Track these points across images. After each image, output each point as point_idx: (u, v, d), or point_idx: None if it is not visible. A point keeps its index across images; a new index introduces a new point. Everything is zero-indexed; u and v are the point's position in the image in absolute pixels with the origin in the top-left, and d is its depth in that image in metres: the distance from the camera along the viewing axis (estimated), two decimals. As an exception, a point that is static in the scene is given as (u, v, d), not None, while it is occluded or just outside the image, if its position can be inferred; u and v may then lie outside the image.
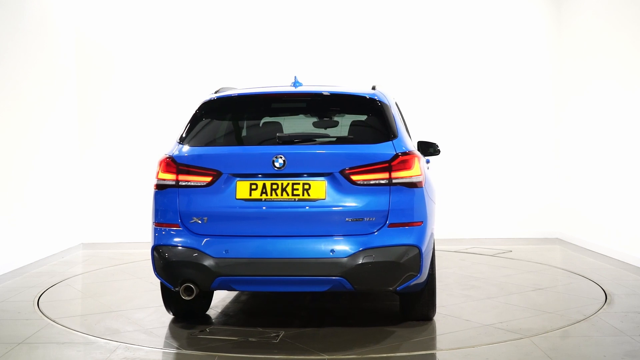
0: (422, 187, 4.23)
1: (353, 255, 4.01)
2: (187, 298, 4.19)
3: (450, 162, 8.98)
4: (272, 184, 4.12)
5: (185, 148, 4.34)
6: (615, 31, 7.72)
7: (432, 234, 4.47)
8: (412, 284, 4.19)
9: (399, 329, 4.55)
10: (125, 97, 9.34)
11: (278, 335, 4.40)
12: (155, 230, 4.32)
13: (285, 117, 4.83)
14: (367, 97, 4.50)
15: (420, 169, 4.26)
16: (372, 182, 4.09)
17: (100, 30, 9.32)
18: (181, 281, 4.17)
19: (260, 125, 4.73)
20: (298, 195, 4.10)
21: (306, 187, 4.11)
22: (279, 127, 4.78)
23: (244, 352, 4.09)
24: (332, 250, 4.02)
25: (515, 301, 5.35)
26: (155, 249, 4.29)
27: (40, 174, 8.02)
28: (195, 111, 4.57)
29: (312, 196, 4.10)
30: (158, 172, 4.33)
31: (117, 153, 9.29)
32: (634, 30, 7.22)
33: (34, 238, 7.71)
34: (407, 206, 4.13)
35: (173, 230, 4.23)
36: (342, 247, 4.02)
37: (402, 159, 4.16)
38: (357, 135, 4.51)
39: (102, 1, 9.34)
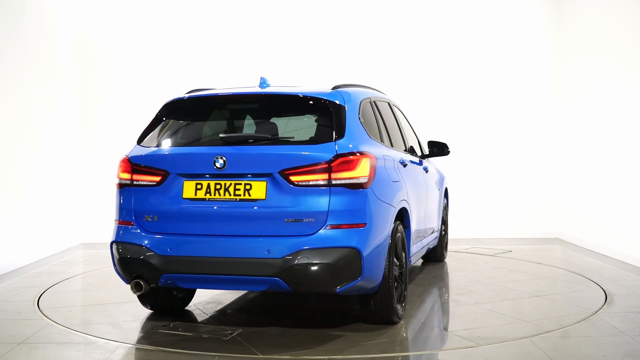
0: (366, 188, 4.17)
1: (288, 256, 4.01)
2: (137, 293, 4.36)
3: (450, 162, 8.98)
4: (215, 184, 4.20)
5: (141, 149, 4.51)
6: (615, 31, 7.72)
7: (387, 236, 4.38)
8: (354, 287, 4.15)
9: (352, 332, 4.47)
10: (125, 97, 9.34)
11: (232, 333, 4.44)
12: (116, 228, 4.52)
13: (239, 118, 4.82)
14: (317, 97, 4.45)
15: (368, 169, 4.19)
16: (311, 182, 4.07)
17: (100, 30, 9.32)
18: (131, 277, 4.35)
19: (212, 126, 4.73)
20: (240, 195, 4.15)
21: (247, 187, 4.15)
22: (227, 127, 4.74)
23: (187, 347, 4.17)
24: (269, 251, 4.04)
25: (501, 308, 5.18)
26: (112, 244, 4.50)
27: (40, 174, 8.02)
28: (157, 113, 4.71)
29: (253, 196, 4.13)
30: (118, 172, 4.53)
31: (117, 153, 9.25)
32: (634, 30, 7.22)
33: (34, 238, 7.71)
34: (348, 207, 4.08)
35: (128, 228, 4.40)
36: (278, 247, 4.03)
37: (343, 160, 4.10)
38: (301, 135, 4.48)
39: (102, 1, 9.35)
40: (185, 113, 4.73)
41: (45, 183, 8.10)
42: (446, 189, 7.45)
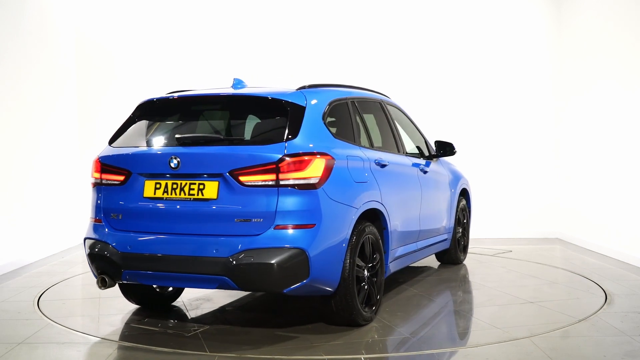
0: (317, 189, 4.15)
1: (233, 256, 4.05)
2: (102, 288, 4.51)
3: (450, 162, 8.97)
4: (172, 184, 4.31)
5: (111, 149, 4.67)
6: (615, 31, 7.72)
7: (344, 238, 4.33)
8: (305, 287, 4.15)
9: (312, 333, 4.46)
10: (125, 97, 9.34)
11: (196, 330, 4.56)
12: (89, 225, 4.68)
13: (201, 119, 4.86)
14: (276, 98, 4.46)
15: (321, 170, 4.18)
16: (259, 183, 4.10)
17: (100, 30, 9.32)
18: (97, 272, 4.51)
19: (173, 127, 4.80)
20: (194, 195, 4.24)
21: (201, 187, 4.23)
22: (186, 128, 4.77)
23: (143, 341, 4.34)
24: (216, 249, 4.10)
25: (482, 314, 5.07)
26: (84, 240, 4.67)
27: (40, 174, 8.01)
28: (130, 114, 4.85)
29: (206, 196, 4.21)
30: (92, 172, 4.69)
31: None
32: (634, 30, 7.22)
33: (34, 238, 7.71)
34: (296, 208, 4.09)
35: (98, 225, 4.58)
36: (225, 246, 4.09)
37: (292, 161, 4.10)
38: (254, 135, 4.49)
39: (102, 1, 9.35)
40: (153, 114, 4.83)
41: (45, 183, 8.10)
42: (466, 190, 7.25)
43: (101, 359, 4.06)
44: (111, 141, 4.75)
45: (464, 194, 7.28)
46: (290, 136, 4.22)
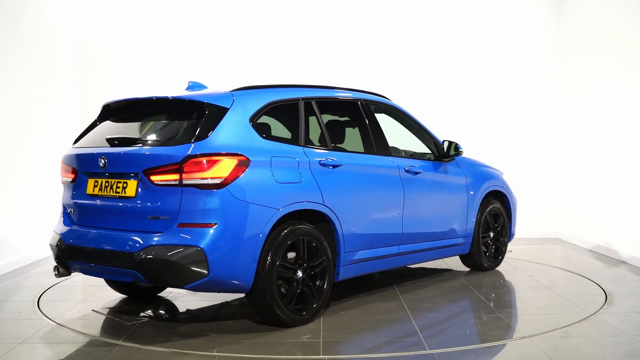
0: (221, 189, 4.22)
1: (139, 251, 4.23)
2: (57, 277, 4.80)
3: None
4: (105, 182, 4.62)
5: (71, 149, 5.01)
6: (615, 31, 7.72)
7: (255, 237, 4.33)
8: (210, 285, 4.26)
9: (228, 332, 4.51)
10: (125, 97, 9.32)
11: (139, 321, 4.83)
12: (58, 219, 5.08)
13: (135, 121, 4.98)
14: (197, 100, 4.55)
15: (228, 170, 4.24)
16: (165, 182, 4.28)
17: (100, 30, 9.32)
18: (55, 262, 4.85)
19: (111, 128, 4.93)
20: (119, 193, 4.52)
21: (124, 185, 4.49)
22: (118, 130, 4.86)
23: (85, 329, 4.71)
24: (129, 245, 4.30)
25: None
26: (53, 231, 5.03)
27: (40, 174, 8.01)
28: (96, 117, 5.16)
29: (127, 194, 4.47)
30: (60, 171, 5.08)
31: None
32: (635, 30, 7.23)
33: (34, 238, 7.71)
34: (197, 207, 4.21)
35: (60, 219, 4.98)
36: (134, 242, 4.28)
37: (195, 161, 4.21)
38: (167, 137, 4.56)
39: (102, 1, 9.35)
40: (106, 117, 5.07)
41: (45, 183, 8.10)
42: (499, 192, 6.86)
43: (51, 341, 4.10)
44: (74, 142, 5.06)
45: (498, 196, 6.90)
46: (200, 137, 4.32)
